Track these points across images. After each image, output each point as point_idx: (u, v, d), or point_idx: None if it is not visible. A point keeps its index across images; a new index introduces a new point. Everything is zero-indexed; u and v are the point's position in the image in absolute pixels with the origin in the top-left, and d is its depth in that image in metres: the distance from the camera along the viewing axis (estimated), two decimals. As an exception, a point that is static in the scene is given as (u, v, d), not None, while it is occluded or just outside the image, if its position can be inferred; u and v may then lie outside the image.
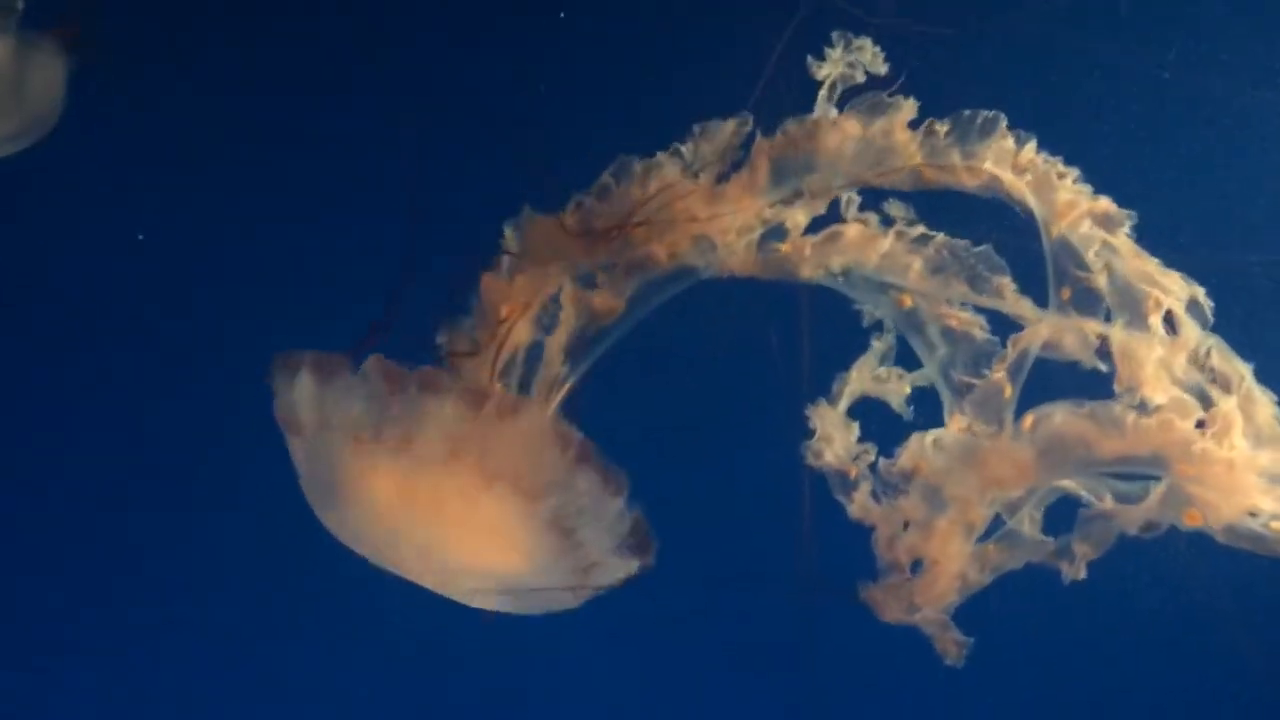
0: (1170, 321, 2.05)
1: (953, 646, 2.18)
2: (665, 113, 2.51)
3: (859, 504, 2.17)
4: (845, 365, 2.34)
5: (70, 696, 3.86)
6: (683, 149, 2.25)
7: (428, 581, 2.37)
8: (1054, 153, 2.17)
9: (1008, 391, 2.14)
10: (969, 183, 2.18)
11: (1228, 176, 2.88)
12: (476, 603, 2.43)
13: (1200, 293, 2.04)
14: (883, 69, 2.17)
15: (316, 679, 3.76)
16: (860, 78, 2.18)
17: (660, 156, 2.26)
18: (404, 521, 2.23)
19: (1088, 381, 2.16)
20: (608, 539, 2.20)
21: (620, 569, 2.26)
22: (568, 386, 2.31)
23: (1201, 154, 2.88)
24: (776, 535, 2.72)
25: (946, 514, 2.13)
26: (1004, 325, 2.24)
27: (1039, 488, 2.13)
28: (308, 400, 2.20)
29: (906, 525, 2.16)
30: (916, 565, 2.21)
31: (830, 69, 2.17)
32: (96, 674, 3.84)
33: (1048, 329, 2.14)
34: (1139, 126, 2.87)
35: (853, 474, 2.17)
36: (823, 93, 2.18)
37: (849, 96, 2.23)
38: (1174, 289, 2.02)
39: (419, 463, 2.15)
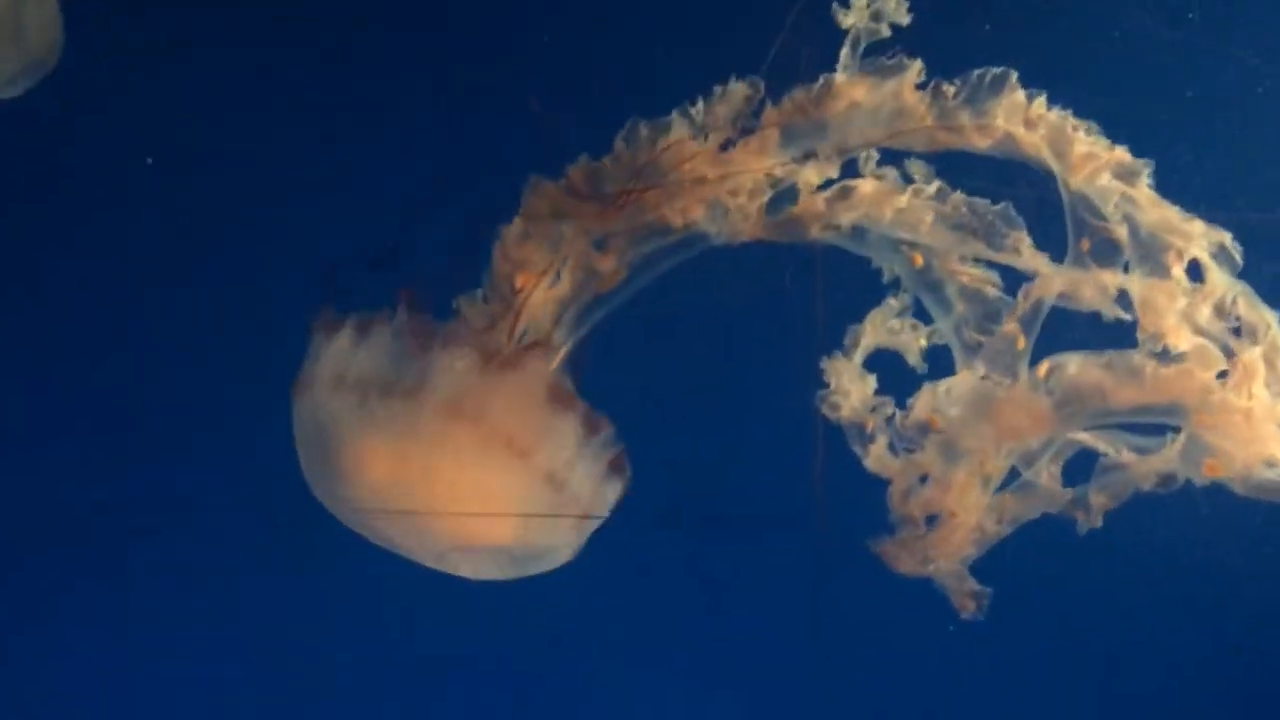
0: (1196, 270, 2.05)
1: (969, 600, 2.18)
2: (678, 77, 2.50)
3: (875, 456, 2.16)
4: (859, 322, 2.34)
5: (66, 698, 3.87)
6: (693, 111, 2.23)
7: (424, 555, 2.37)
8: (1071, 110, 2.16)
9: (1021, 343, 2.14)
10: (982, 142, 2.16)
11: (1248, 140, 2.89)
12: (473, 572, 2.42)
13: (1227, 238, 2.03)
14: (905, 18, 2.15)
15: (316, 671, 3.77)
16: (885, 31, 2.15)
17: (674, 115, 2.24)
18: (399, 489, 2.22)
19: (1111, 332, 2.17)
20: (592, 481, 2.22)
21: (604, 502, 2.27)
22: (565, 348, 2.29)
23: (1222, 114, 2.89)
24: (790, 491, 2.73)
25: (963, 466, 2.12)
26: (1022, 283, 2.24)
27: (1056, 438, 2.12)
28: (335, 357, 2.19)
29: (923, 479, 2.16)
30: (931, 519, 2.21)
31: (855, 17, 2.15)
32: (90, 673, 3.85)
33: (1061, 280, 2.13)
34: (1157, 85, 2.86)
35: (869, 426, 2.16)
36: (845, 48, 2.17)
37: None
38: (1197, 236, 2.01)
39: (416, 422, 2.14)
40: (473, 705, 3.80)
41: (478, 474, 2.17)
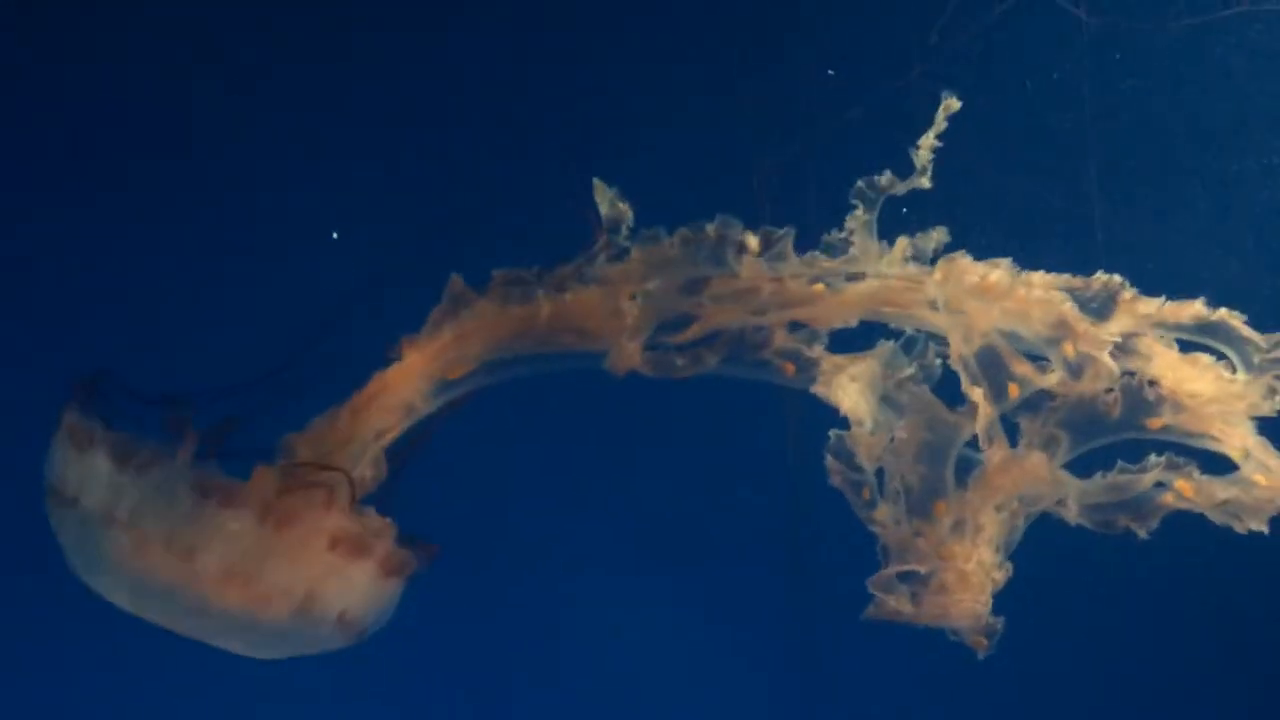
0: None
1: (982, 639, 2.22)
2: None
3: (880, 522, 2.19)
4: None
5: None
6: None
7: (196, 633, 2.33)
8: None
9: (988, 411, 2.20)
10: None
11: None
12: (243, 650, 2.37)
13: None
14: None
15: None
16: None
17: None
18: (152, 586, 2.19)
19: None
20: (316, 568, 2.17)
21: (374, 589, 2.25)
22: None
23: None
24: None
25: (966, 536, 2.18)
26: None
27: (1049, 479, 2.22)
28: (111, 484, 2.15)
29: (921, 540, 2.20)
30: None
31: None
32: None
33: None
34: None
35: (866, 494, 2.19)
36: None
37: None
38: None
39: (187, 581, 2.14)
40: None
41: (171, 575, 2.15)
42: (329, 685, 3.68)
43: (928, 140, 2.19)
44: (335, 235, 3.39)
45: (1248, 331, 2.16)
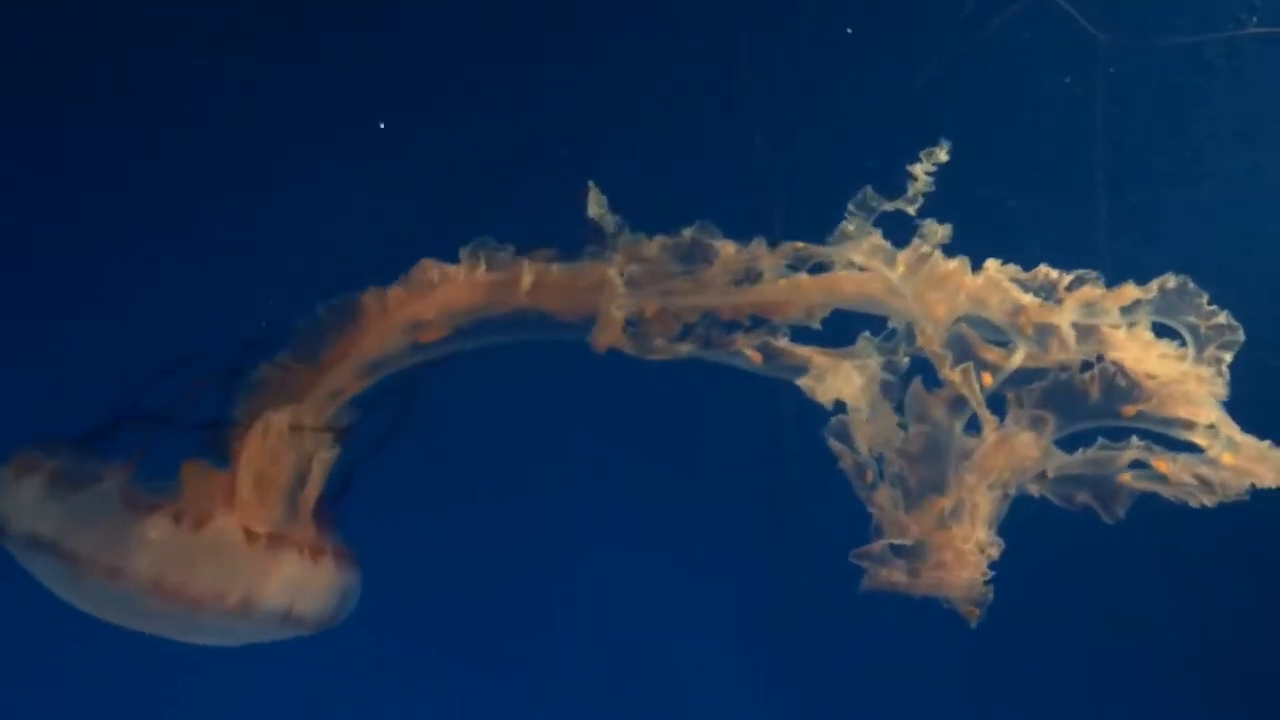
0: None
1: (974, 609, 2.31)
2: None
3: (879, 504, 2.28)
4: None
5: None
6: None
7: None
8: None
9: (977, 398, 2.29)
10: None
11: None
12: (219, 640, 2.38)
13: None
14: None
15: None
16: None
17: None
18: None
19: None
20: (241, 565, 2.14)
21: (310, 577, 2.23)
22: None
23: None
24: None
25: (963, 518, 2.27)
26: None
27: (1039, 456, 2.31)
28: (38, 509, 2.15)
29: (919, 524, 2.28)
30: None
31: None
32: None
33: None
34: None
35: (869, 477, 2.29)
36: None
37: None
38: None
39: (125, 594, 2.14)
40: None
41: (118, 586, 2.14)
42: (318, 668, 3.74)
43: (921, 174, 2.28)
44: (382, 125, 3.42)
45: (1196, 302, 2.22)
